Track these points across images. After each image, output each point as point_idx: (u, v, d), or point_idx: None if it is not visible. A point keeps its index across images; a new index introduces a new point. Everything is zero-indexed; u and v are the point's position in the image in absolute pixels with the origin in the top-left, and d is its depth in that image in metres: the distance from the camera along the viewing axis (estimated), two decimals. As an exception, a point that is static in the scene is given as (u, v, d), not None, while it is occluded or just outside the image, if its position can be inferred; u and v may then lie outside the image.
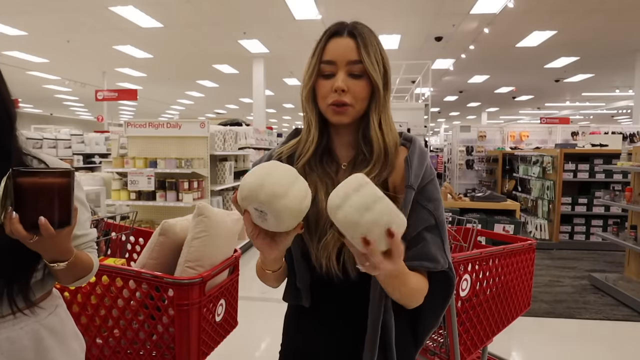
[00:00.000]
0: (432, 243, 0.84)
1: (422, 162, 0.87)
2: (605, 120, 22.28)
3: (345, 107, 0.84)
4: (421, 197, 0.85)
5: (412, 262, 0.81)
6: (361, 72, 0.84)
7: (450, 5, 6.71)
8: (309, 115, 0.91)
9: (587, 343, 3.01)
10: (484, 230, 2.31)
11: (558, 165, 5.56)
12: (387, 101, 0.90)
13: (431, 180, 0.87)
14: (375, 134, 0.87)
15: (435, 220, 0.85)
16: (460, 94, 15.67)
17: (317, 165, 0.91)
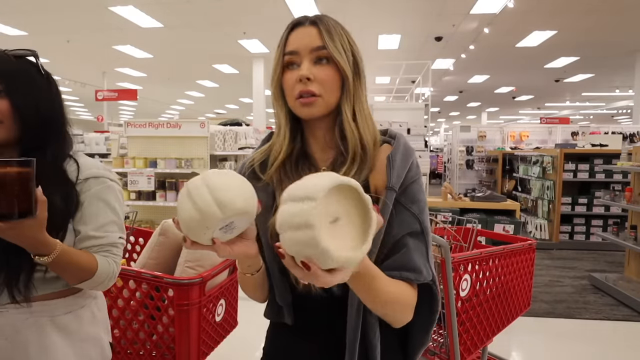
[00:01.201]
0: (415, 251, 0.76)
1: (406, 161, 0.79)
2: (605, 120, 22.28)
3: (313, 97, 0.77)
4: (404, 198, 0.77)
5: (391, 272, 0.74)
6: (326, 58, 0.78)
7: (450, 5, 6.71)
8: (279, 115, 0.84)
9: (587, 343, 3.01)
10: (484, 230, 2.31)
11: (558, 165, 5.56)
12: (361, 92, 0.83)
13: (416, 180, 0.80)
14: (349, 126, 0.79)
15: (420, 225, 0.77)
16: (460, 94, 15.67)
17: (292, 171, 0.83)
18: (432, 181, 12.02)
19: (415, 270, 0.75)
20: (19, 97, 0.95)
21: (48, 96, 1.01)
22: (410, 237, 0.76)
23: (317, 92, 0.77)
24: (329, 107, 0.80)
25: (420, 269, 0.75)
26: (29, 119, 0.95)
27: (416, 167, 0.81)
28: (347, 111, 0.80)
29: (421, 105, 6.11)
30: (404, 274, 0.74)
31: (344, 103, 0.80)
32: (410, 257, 0.75)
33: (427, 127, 5.76)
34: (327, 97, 0.79)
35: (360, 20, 7.50)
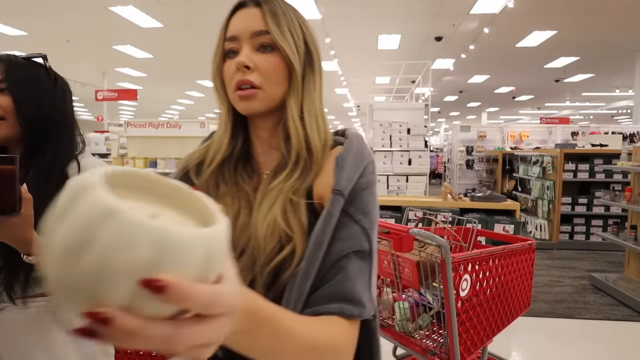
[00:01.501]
0: (359, 276, 0.61)
1: (359, 163, 0.66)
2: (605, 120, 22.27)
3: (253, 90, 0.66)
4: (354, 207, 0.63)
5: (327, 305, 0.57)
6: (270, 44, 0.67)
7: (450, 5, 6.71)
8: (221, 111, 0.73)
9: (587, 343, 3.01)
10: (484, 230, 2.31)
11: (558, 165, 5.56)
12: (313, 87, 0.71)
13: (369, 188, 0.66)
14: (293, 125, 0.68)
15: (369, 243, 0.63)
16: (460, 94, 15.67)
17: (230, 176, 0.72)
18: (432, 181, 12.01)
19: (358, 303, 0.58)
20: (22, 94, 0.97)
21: (51, 96, 1.03)
22: (355, 257, 0.61)
23: (256, 84, 0.66)
24: (272, 102, 0.69)
25: (362, 300, 0.59)
26: (29, 117, 0.97)
27: (371, 173, 0.68)
28: (292, 108, 0.69)
29: (421, 105, 6.11)
30: (345, 308, 0.57)
31: (290, 98, 0.69)
32: (353, 283, 0.59)
33: (427, 127, 5.76)
34: (269, 90, 0.67)
35: (360, 20, 7.50)
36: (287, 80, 0.69)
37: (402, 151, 5.47)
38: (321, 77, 0.74)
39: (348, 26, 7.81)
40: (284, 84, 0.69)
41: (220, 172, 0.72)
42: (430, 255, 1.66)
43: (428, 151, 5.65)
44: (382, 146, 5.49)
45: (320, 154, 0.68)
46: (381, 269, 1.87)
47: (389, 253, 1.79)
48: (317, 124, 0.70)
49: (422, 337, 1.86)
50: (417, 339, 1.85)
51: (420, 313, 1.86)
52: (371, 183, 0.67)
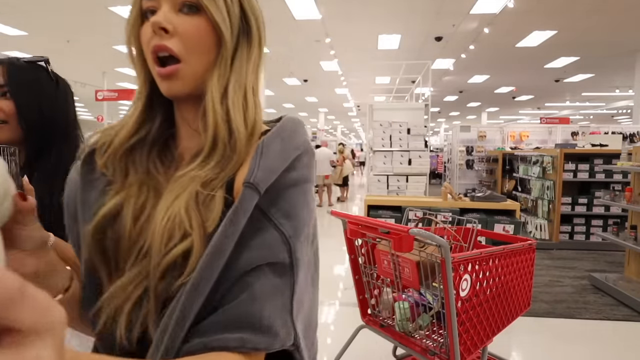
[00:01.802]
0: (270, 296, 0.48)
1: (289, 151, 0.54)
2: (605, 120, 22.27)
3: (174, 67, 0.54)
4: (275, 207, 0.51)
5: (223, 334, 0.46)
6: (195, 4, 0.55)
7: (450, 5, 6.71)
8: (138, 82, 0.60)
9: (587, 343, 3.01)
10: (484, 230, 2.31)
11: (558, 165, 5.56)
12: (247, 60, 0.59)
13: (299, 186, 0.54)
14: (211, 104, 0.55)
15: (291, 255, 0.51)
16: (460, 94, 15.67)
17: (141, 162, 0.60)
18: (432, 181, 12.01)
19: (268, 331, 0.47)
20: (23, 98, 0.98)
21: (53, 99, 1.04)
22: (269, 271, 0.49)
23: (175, 51, 0.54)
24: (197, 79, 0.56)
25: (275, 328, 0.47)
26: (31, 120, 0.99)
27: (306, 166, 0.56)
28: (214, 83, 0.56)
29: (421, 105, 6.11)
30: (247, 338, 0.45)
31: (214, 71, 0.57)
32: (262, 305, 0.47)
33: (427, 127, 5.76)
34: (192, 62, 0.55)
35: (360, 20, 7.50)
36: (214, 51, 0.57)
37: (402, 151, 5.47)
38: (260, 51, 0.61)
39: (348, 26, 7.81)
40: (210, 54, 0.56)
41: (131, 157, 0.59)
42: (430, 255, 1.66)
43: (428, 151, 5.65)
44: (382, 146, 5.49)
45: (244, 140, 0.55)
46: (381, 269, 1.87)
47: (389, 253, 1.79)
48: (244, 104, 0.57)
49: (422, 337, 1.86)
50: (417, 339, 1.85)
51: (420, 313, 1.86)
52: (304, 179, 0.55)
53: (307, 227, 0.56)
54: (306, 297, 0.55)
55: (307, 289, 0.56)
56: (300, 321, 0.53)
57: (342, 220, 2.00)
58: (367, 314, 2.11)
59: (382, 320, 2.03)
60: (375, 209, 3.92)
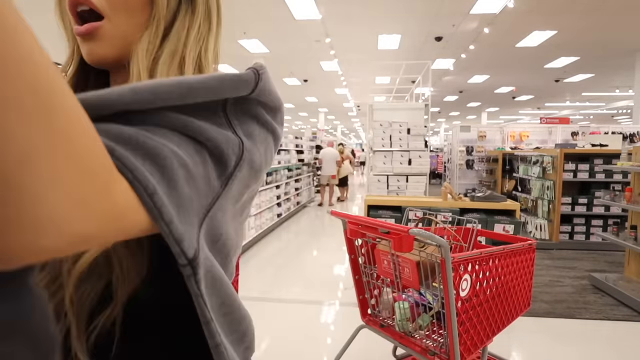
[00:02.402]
0: (187, 172, 0.41)
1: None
2: (605, 120, 22.28)
3: (94, 24, 0.46)
4: (238, 120, 0.45)
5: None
6: None
7: (450, 5, 6.71)
8: (68, 51, 0.52)
9: (587, 343, 3.01)
10: (484, 230, 2.31)
11: (558, 165, 5.56)
12: (188, 31, 0.50)
13: (264, 129, 0.47)
14: (137, 74, 0.47)
15: (237, 163, 0.44)
16: (460, 94, 15.67)
17: None
18: (432, 181, 12.03)
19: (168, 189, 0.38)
20: None
21: None
22: (208, 155, 0.42)
23: (96, 4, 0.45)
24: (124, 44, 0.47)
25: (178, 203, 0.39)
26: None
27: (281, 124, 0.51)
28: (142, 51, 0.47)
29: (421, 105, 6.11)
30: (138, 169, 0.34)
31: (144, 38, 0.47)
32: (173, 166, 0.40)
33: (427, 127, 5.76)
34: (118, 21, 0.47)
35: (360, 20, 7.50)
36: (147, 11, 0.48)
37: (402, 151, 5.47)
38: (210, 24, 0.52)
39: (348, 26, 7.81)
40: (141, 14, 0.48)
41: None
42: (430, 255, 1.66)
43: (428, 151, 5.65)
44: (382, 146, 5.49)
45: None
46: (381, 268, 1.87)
47: (389, 253, 1.79)
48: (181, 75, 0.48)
49: (422, 337, 1.86)
50: (417, 339, 1.85)
51: (420, 313, 1.86)
52: (272, 130, 0.49)
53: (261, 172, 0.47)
54: (227, 229, 0.44)
55: (230, 224, 0.45)
56: (212, 248, 0.42)
57: (342, 220, 2.01)
58: (367, 314, 2.11)
59: (382, 320, 2.03)
60: (375, 209, 3.92)
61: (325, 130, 24.36)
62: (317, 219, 8.54)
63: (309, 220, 8.45)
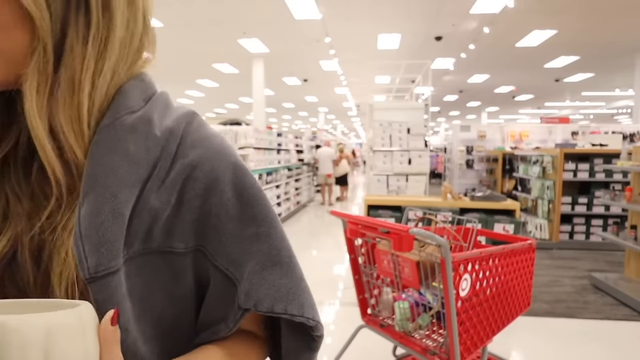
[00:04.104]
0: None
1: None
2: (605, 120, 22.28)
3: None
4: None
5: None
6: None
7: (450, 5, 6.70)
8: None
9: (587, 343, 3.01)
10: (484, 230, 2.31)
11: (558, 164, 5.56)
12: (86, 47, 0.41)
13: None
14: (32, 122, 0.40)
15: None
16: (460, 93, 15.67)
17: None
18: (432, 181, 12.03)
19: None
20: None
21: None
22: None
23: None
24: (9, 66, 0.39)
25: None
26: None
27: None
28: (31, 93, 0.39)
29: (421, 104, 6.10)
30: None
31: (32, 67, 0.39)
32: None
33: (427, 127, 5.76)
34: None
35: (360, 20, 7.50)
36: (26, 27, 0.38)
37: (402, 151, 5.47)
38: (110, 18, 0.42)
39: (348, 26, 7.80)
40: (22, 33, 0.38)
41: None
42: (430, 255, 1.66)
43: (428, 151, 5.65)
44: (382, 146, 5.49)
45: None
46: (381, 268, 1.87)
47: (389, 253, 1.79)
48: (86, 115, 0.41)
49: (422, 336, 1.86)
50: (417, 339, 1.85)
51: (420, 313, 1.86)
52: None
53: None
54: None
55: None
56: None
57: (342, 220, 2.00)
58: (367, 314, 2.11)
59: (382, 320, 2.03)
60: (375, 208, 3.92)
61: (326, 130, 24.37)
62: (317, 219, 8.55)
63: (309, 219, 8.45)
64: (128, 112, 0.43)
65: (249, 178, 0.50)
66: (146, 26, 0.47)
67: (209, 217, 0.46)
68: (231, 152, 0.50)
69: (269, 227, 0.49)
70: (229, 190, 0.47)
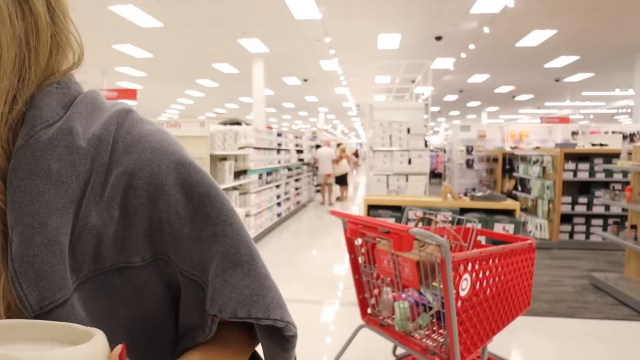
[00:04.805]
0: None
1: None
2: (605, 120, 22.28)
3: None
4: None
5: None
6: None
7: (450, 5, 6.70)
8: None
9: (587, 342, 3.01)
10: (484, 230, 2.31)
11: (558, 164, 5.56)
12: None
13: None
14: None
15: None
16: (460, 93, 15.67)
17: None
18: (432, 181, 12.03)
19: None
20: None
21: None
22: None
23: None
24: None
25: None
26: None
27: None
28: None
29: (421, 104, 6.10)
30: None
31: None
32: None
33: (427, 127, 5.76)
34: None
35: (360, 20, 7.50)
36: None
37: (402, 151, 5.47)
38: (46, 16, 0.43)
39: (348, 26, 7.80)
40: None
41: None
42: (430, 255, 1.66)
43: (428, 151, 5.65)
44: (382, 146, 5.49)
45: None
46: (381, 268, 1.87)
47: (389, 252, 1.79)
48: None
49: (422, 336, 1.86)
50: (417, 339, 1.85)
51: (420, 312, 1.86)
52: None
53: None
54: None
55: None
56: None
57: (342, 219, 2.00)
58: (367, 314, 2.11)
59: (382, 320, 2.03)
60: (375, 208, 3.92)
61: (326, 130, 24.37)
62: (317, 219, 8.55)
63: (309, 219, 8.45)
64: (44, 127, 0.39)
65: (196, 175, 0.45)
66: (60, 26, 0.44)
67: (162, 224, 0.43)
68: (172, 149, 0.45)
69: (224, 226, 0.45)
70: (176, 192, 0.43)
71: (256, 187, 6.04)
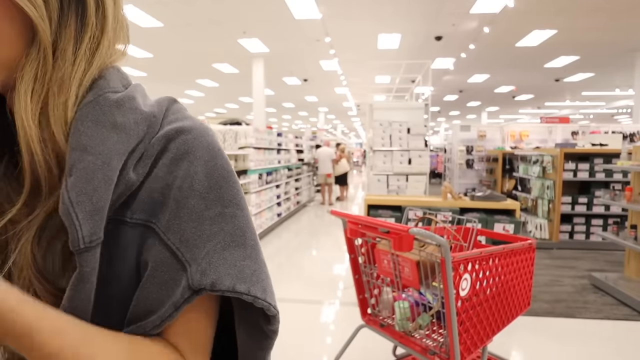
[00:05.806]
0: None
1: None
2: (605, 120, 22.28)
3: None
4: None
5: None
6: None
7: (450, 5, 6.70)
8: None
9: (587, 342, 3.01)
10: (484, 230, 2.31)
11: (558, 164, 5.56)
12: (83, 51, 0.43)
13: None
14: (25, 128, 0.40)
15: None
16: (460, 93, 15.66)
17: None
18: (432, 181, 12.03)
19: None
20: None
21: None
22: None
23: None
24: (6, 71, 0.40)
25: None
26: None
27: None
28: (24, 96, 0.40)
29: (421, 104, 6.10)
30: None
31: (26, 71, 0.40)
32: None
33: (427, 127, 5.76)
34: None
35: (360, 20, 7.50)
36: (24, 37, 0.40)
37: (402, 151, 5.47)
38: (103, 33, 0.45)
39: (348, 25, 7.80)
40: (19, 43, 0.40)
41: None
42: (430, 255, 1.66)
43: (428, 151, 5.65)
44: (382, 146, 5.49)
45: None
46: (381, 268, 1.87)
47: (389, 252, 1.79)
48: (62, 116, 0.42)
49: (422, 336, 1.86)
50: (417, 339, 1.85)
51: (420, 312, 1.86)
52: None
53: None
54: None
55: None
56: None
57: (342, 219, 2.00)
58: (367, 314, 2.11)
59: (382, 320, 2.03)
60: (375, 208, 3.92)
61: (326, 129, 24.36)
62: (317, 219, 8.55)
63: (309, 219, 8.45)
64: (111, 91, 0.44)
65: (222, 160, 0.47)
66: (121, 20, 0.48)
67: (171, 189, 0.44)
68: (210, 133, 0.48)
69: (236, 209, 0.46)
70: (199, 165, 0.45)
71: (256, 187, 6.04)
